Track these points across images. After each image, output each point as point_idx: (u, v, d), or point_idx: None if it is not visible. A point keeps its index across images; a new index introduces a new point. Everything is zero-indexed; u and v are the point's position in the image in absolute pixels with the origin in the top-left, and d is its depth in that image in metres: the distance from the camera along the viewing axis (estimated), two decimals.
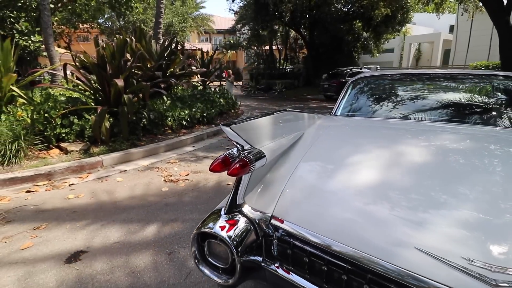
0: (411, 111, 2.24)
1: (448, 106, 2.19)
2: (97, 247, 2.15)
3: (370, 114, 2.37)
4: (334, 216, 1.09)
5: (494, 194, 1.02)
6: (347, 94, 2.61)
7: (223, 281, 1.12)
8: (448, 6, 16.68)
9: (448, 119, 2.04)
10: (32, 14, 11.88)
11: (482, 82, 2.38)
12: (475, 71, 2.69)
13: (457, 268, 0.77)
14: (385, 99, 2.54)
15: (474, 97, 2.24)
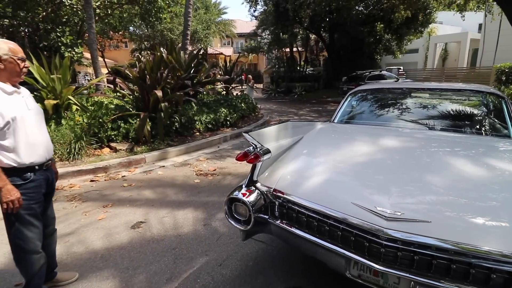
0: (396, 119, 2.83)
1: (423, 115, 2.77)
2: (152, 219, 2.93)
3: (363, 122, 2.97)
4: (312, 188, 1.75)
5: (412, 174, 1.64)
6: (344, 104, 3.23)
7: (243, 227, 1.81)
8: (473, 7, 16.46)
9: (420, 125, 2.61)
10: (74, 28, 13.23)
11: (456, 96, 2.94)
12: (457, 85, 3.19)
13: (370, 211, 1.42)
14: (376, 109, 3.13)
15: (446, 108, 2.80)
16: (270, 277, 2.07)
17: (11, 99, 1.63)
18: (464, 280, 1.26)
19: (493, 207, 1.40)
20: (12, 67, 1.64)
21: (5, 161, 1.58)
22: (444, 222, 1.34)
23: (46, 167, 1.79)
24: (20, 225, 1.67)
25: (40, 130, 1.76)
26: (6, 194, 1.55)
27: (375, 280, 1.46)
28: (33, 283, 1.77)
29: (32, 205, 1.69)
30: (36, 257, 1.74)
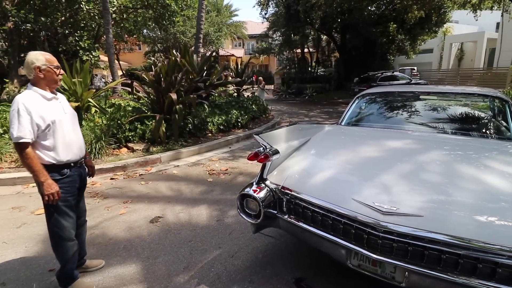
0: (401, 122, 2.95)
1: (427, 118, 2.87)
2: (169, 214, 3.14)
3: (369, 124, 3.09)
4: (317, 185, 1.91)
5: (409, 173, 1.78)
6: (352, 107, 3.36)
7: (254, 221, 1.99)
8: (488, 6, 16.13)
9: (423, 127, 2.73)
10: (92, 32, 13.72)
11: (460, 99, 3.03)
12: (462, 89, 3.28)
13: (368, 206, 1.57)
14: (382, 112, 3.26)
15: (450, 111, 2.90)
16: (278, 268, 2.23)
17: (51, 104, 1.86)
18: (454, 269, 1.40)
19: (481, 202, 1.53)
20: (50, 76, 1.86)
21: (46, 159, 1.81)
22: (435, 216, 1.48)
23: (79, 164, 2.02)
24: (57, 215, 1.89)
25: (75, 131, 1.99)
26: (48, 187, 1.77)
27: (373, 270, 1.61)
28: (66, 268, 1.99)
29: (68, 198, 1.91)
30: (70, 244, 1.96)
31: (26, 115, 1.71)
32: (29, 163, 1.75)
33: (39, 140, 1.79)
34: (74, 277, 2.04)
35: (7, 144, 4.98)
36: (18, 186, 4.11)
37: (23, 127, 1.70)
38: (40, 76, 1.82)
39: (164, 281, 2.12)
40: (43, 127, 1.77)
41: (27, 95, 1.79)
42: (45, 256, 2.47)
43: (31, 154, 1.75)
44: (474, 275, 1.37)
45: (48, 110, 1.81)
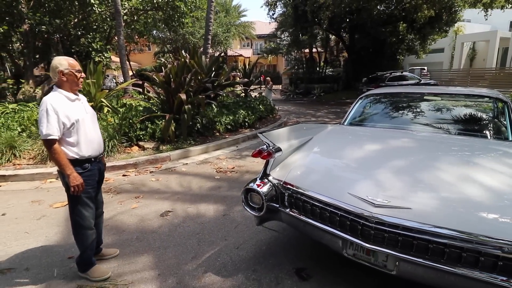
0: (401, 122, 3.05)
1: (426, 118, 2.97)
2: (178, 209, 3.31)
3: (371, 124, 3.19)
4: (316, 181, 2.04)
5: (401, 169, 1.90)
6: (354, 108, 3.47)
7: (257, 213, 2.13)
8: (499, 5, 15.90)
9: (422, 127, 2.82)
10: (104, 34, 14.08)
11: (460, 100, 3.11)
12: (462, 90, 3.36)
13: (362, 199, 1.69)
14: (383, 112, 3.35)
15: (449, 112, 2.98)
16: (280, 259, 2.37)
17: (74, 105, 2.04)
18: (441, 258, 1.51)
19: (465, 196, 1.64)
20: (72, 79, 2.04)
21: (70, 154, 2.00)
22: (423, 208, 1.59)
23: (99, 159, 2.21)
24: (79, 205, 2.07)
25: (95, 130, 2.17)
26: (73, 180, 1.95)
27: (367, 259, 1.73)
28: (85, 254, 2.18)
29: (89, 190, 2.09)
30: (89, 232, 2.14)
31: (53, 114, 1.90)
32: (56, 157, 1.94)
33: (64, 137, 1.98)
34: (92, 263, 2.23)
35: (25, 142, 5.24)
36: (36, 182, 4.35)
37: (51, 125, 1.89)
38: (63, 79, 2.02)
39: (174, 269, 2.29)
40: (68, 125, 1.96)
41: (53, 96, 1.98)
42: (64, 245, 2.67)
43: (58, 149, 1.94)
44: (459, 263, 1.48)
45: (72, 110, 2.00)
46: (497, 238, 1.40)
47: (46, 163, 4.81)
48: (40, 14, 10.24)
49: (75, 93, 2.11)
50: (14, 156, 4.95)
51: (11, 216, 3.28)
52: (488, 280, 1.42)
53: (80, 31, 13.01)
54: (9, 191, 4.05)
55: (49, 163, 4.82)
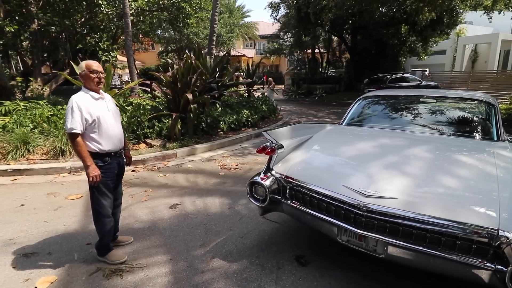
0: (395, 122, 3.25)
1: (419, 119, 3.17)
2: (186, 202, 3.53)
3: (368, 125, 3.39)
4: (315, 175, 2.25)
5: (391, 164, 2.11)
6: (352, 109, 3.67)
7: (261, 204, 2.34)
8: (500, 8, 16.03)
9: (414, 127, 3.02)
10: (110, 33, 14.34)
11: (452, 102, 3.31)
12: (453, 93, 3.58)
13: (355, 191, 1.90)
14: (378, 113, 3.55)
15: (440, 113, 3.19)
16: (281, 247, 2.58)
17: (97, 103, 2.26)
18: (423, 242, 1.72)
19: (447, 189, 1.84)
20: (88, 79, 2.22)
21: (92, 147, 2.22)
22: (407, 198, 1.80)
23: (119, 154, 2.42)
24: (99, 195, 2.29)
25: (117, 127, 2.38)
26: (92, 171, 2.17)
27: (359, 244, 1.94)
28: (104, 240, 2.40)
29: (108, 181, 2.31)
30: (107, 220, 2.35)
31: (77, 111, 2.12)
32: (78, 150, 2.15)
33: (87, 132, 2.19)
34: (109, 248, 2.45)
35: (37, 138, 5.48)
36: (50, 176, 4.58)
37: (75, 120, 2.10)
38: (83, 80, 2.25)
39: (184, 254, 2.50)
40: (90, 121, 2.17)
41: (79, 95, 2.21)
42: (82, 233, 2.89)
43: (80, 142, 2.15)
44: (439, 246, 1.68)
45: (95, 108, 2.21)
46: (473, 224, 1.61)
47: (59, 158, 5.04)
48: (50, 14, 10.49)
49: (99, 92, 2.31)
50: (27, 152, 5.18)
51: (29, 206, 3.51)
52: (466, 262, 1.62)
53: (87, 31, 13.28)
54: (25, 184, 4.28)
55: (61, 158, 5.05)
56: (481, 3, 15.70)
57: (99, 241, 2.42)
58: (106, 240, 2.41)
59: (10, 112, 6.74)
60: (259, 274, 2.25)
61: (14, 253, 2.57)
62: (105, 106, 2.31)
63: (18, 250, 2.62)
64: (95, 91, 2.28)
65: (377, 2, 15.22)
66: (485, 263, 1.58)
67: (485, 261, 1.58)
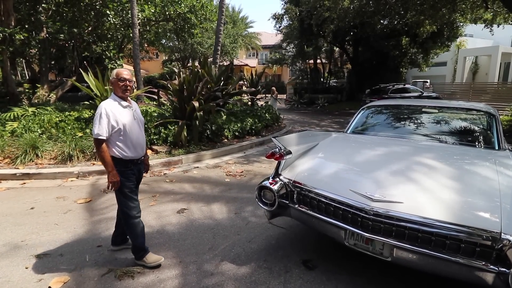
0: (398, 131, 3.34)
1: (422, 128, 3.26)
2: (193, 207, 3.59)
3: (373, 133, 3.48)
4: (322, 180, 2.32)
5: (397, 170, 2.18)
6: (357, 117, 3.76)
7: (269, 208, 2.41)
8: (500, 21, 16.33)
9: (417, 136, 3.11)
10: (117, 42, 14.63)
11: (453, 112, 3.41)
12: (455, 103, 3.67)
13: (362, 195, 1.98)
14: (383, 122, 3.65)
15: (442, 123, 3.28)
16: (288, 252, 2.64)
17: (124, 111, 2.32)
18: (429, 245, 1.78)
19: (450, 193, 1.91)
20: (117, 86, 2.29)
21: (117, 153, 2.28)
22: (412, 202, 1.87)
23: (140, 161, 2.46)
24: (125, 198, 2.35)
25: (141, 135, 2.43)
26: (112, 177, 2.23)
27: (366, 247, 2.00)
28: (137, 242, 2.41)
29: (130, 185, 2.37)
30: (136, 221, 2.39)
31: (105, 117, 2.18)
32: (102, 155, 2.21)
33: (113, 139, 2.25)
34: (145, 250, 2.46)
35: (46, 143, 5.58)
36: (58, 180, 4.66)
37: (102, 127, 2.17)
38: (112, 87, 2.34)
39: (193, 257, 2.56)
40: (116, 128, 2.22)
41: (108, 102, 2.27)
42: (92, 236, 2.95)
43: (104, 148, 2.21)
44: (443, 249, 1.74)
45: (122, 115, 2.26)
46: (476, 227, 1.67)
47: (67, 163, 5.13)
48: (59, 23, 10.75)
49: (126, 100, 2.36)
50: (36, 156, 5.28)
51: (40, 210, 3.58)
52: (470, 264, 1.67)
53: (94, 39, 13.56)
54: (34, 188, 4.36)
55: (69, 163, 5.14)
56: (481, 16, 16.01)
57: (133, 244, 2.44)
58: (140, 241, 2.42)
59: (18, 118, 6.88)
60: (268, 277, 2.30)
61: (26, 254, 2.63)
62: (131, 114, 2.36)
63: (30, 251, 2.68)
64: (122, 99, 2.33)
65: (378, 14, 15.52)
66: (489, 266, 1.64)
67: (489, 263, 1.64)
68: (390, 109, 3.81)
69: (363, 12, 15.09)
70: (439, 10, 14.39)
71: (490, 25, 16.08)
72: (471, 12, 15.72)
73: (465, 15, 16.18)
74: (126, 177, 2.31)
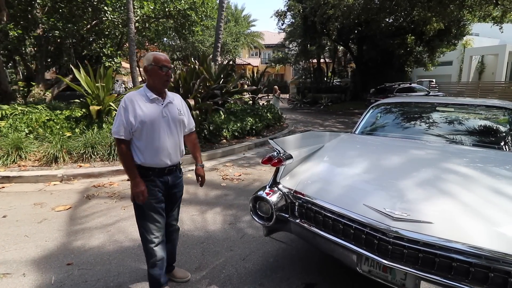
0: (415, 132, 2.93)
1: (441, 128, 2.85)
2: (183, 216, 3.21)
3: (383, 134, 3.08)
4: (329, 190, 1.93)
5: (420, 181, 1.78)
6: (366, 117, 3.37)
7: (266, 223, 2.02)
8: (510, 19, 15.84)
9: (436, 138, 2.70)
10: (115, 40, 14.31)
11: (476, 111, 2.99)
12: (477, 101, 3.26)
13: (379, 212, 1.58)
14: (396, 122, 3.24)
15: (464, 123, 2.87)
16: (288, 273, 2.25)
17: (150, 105, 1.80)
18: (465, 278, 1.38)
19: (493, 212, 1.51)
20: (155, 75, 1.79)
21: (134, 158, 1.80)
22: (446, 223, 1.47)
23: (167, 171, 1.88)
24: (141, 215, 1.86)
25: (170, 137, 1.86)
26: (134, 186, 1.76)
27: (383, 276, 1.61)
28: (152, 271, 1.89)
29: (151, 201, 1.82)
30: (156, 248, 1.86)
31: (123, 112, 1.73)
32: (121, 159, 1.80)
33: (133, 139, 1.80)
34: (160, 284, 1.93)
35: (31, 143, 5.23)
36: (40, 184, 4.31)
37: (119, 124, 1.73)
38: (147, 75, 1.83)
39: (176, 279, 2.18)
40: (134, 126, 1.74)
41: (132, 93, 1.82)
42: (63, 251, 2.58)
43: (124, 151, 1.77)
44: (485, 284, 1.35)
45: (144, 110, 1.76)
46: None
47: (51, 165, 4.78)
48: (54, 19, 10.43)
49: (162, 94, 1.86)
50: (19, 158, 4.93)
51: (12, 218, 3.22)
52: None
53: (92, 37, 13.25)
54: (12, 192, 4.00)
55: (54, 165, 4.79)
56: (490, 13, 15.52)
57: (148, 273, 1.93)
58: (155, 273, 1.89)
59: (7, 116, 6.54)
60: None
61: None
62: (158, 110, 1.82)
63: None
64: (156, 91, 1.83)
65: (384, 11, 15.08)
66: None
67: None
68: (403, 107, 3.40)
69: (368, 9, 14.67)
70: (447, 7, 13.94)
71: (499, 23, 15.60)
72: (479, 9, 15.24)
73: (473, 12, 15.68)
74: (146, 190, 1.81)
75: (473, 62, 26.88)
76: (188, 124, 2.05)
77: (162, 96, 1.85)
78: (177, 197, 2.06)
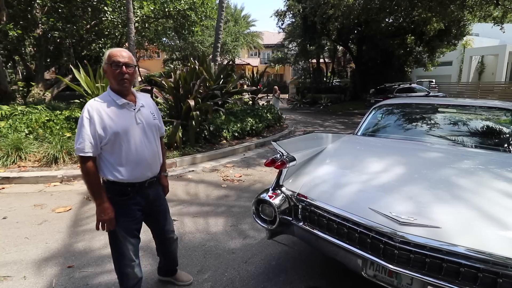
0: (418, 133, 2.91)
1: (445, 130, 2.83)
2: (184, 218, 3.20)
3: (385, 135, 3.06)
4: (333, 193, 1.91)
5: (427, 184, 1.76)
6: (368, 118, 3.35)
7: (269, 227, 2.00)
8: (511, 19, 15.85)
9: (441, 140, 2.68)
10: (115, 40, 14.28)
11: (479, 112, 2.97)
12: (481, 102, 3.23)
13: (385, 215, 1.56)
14: (399, 123, 3.22)
15: (468, 124, 2.85)
16: (291, 276, 2.23)
17: (121, 112, 1.59)
18: (473, 283, 1.37)
19: (502, 216, 1.49)
20: (110, 74, 1.57)
21: (108, 175, 1.59)
22: (454, 228, 1.45)
23: (148, 184, 1.71)
24: (114, 238, 1.66)
25: (148, 146, 1.67)
26: (100, 213, 1.56)
27: (389, 281, 1.59)
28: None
29: (128, 222, 1.66)
30: (129, 271, 1.71)
31: (87, 125, 1.50)
32: (85, 180, 1.56)
33: (103, 153, 1.58)
34: None
35: (31, 144, 5.20)
36: (40, 185, 4.28)
37: (83, 139, 1.49)
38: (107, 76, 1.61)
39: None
40: (105, 139, 1.53)
41: (96, 100, 1.58)
42: (64, 253, 2.56)
43: (90, 170, 1.53)
44: None
45: (115, 119, 1.55)
46: None
47: (51, 166, 4.75)
48: (53, 19, 10.40)
49: (126, 95, 1.62)
50: (19, 158, 4.90)
51: (12, 220, 3.20)
52: None
53: (92, 37, 13.21)
54: (12, 193, 3.98)
55: (54, 166, 4.76)
56: (491, 14, 15.52)
57: None
58: None
59: (7, 117, 6.51)
60: None
61: None
62: (131, 117, 1.61)
63: None
64: (120, 94, 1.60)
65: (384, 11, 15.07)
66: None
67: None
68: (405, 108, 3.38)
69: (369, 9, 14.64)
70: (448, 7, 13.92)
71: (500, 23, 15.60)
72: (480, 9, 15.23)
73: (473, 12, 15.67)
74: (123, 211, 1.64)
75: (473, 63, 26.87)
76: (160, 128, 1.86)
77: (131, 99, 1.64)
78: (162, 212, 1.94)
